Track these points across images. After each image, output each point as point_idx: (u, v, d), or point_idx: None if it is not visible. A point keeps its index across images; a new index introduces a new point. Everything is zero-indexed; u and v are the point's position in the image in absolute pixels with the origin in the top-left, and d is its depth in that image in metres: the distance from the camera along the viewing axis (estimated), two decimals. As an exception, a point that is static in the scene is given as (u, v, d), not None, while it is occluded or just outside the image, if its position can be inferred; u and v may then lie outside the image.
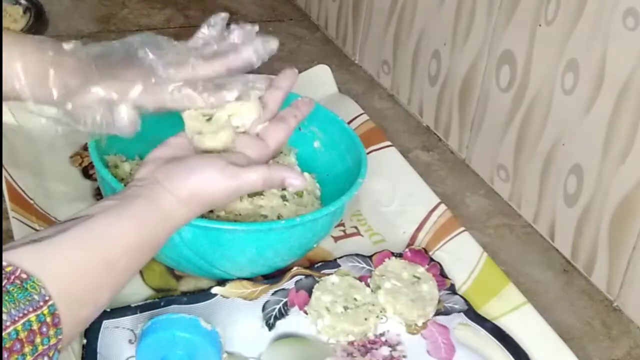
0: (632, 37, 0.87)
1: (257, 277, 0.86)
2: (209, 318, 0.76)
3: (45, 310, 0.53)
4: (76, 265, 0.58)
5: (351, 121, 1.14)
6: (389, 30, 1.31)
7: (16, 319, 0.51)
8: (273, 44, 0.78)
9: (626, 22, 0.88)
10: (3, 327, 0.51)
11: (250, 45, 0.78)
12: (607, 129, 0.92)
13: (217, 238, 0.80)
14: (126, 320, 0.78)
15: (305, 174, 0.96)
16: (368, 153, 0.95)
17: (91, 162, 0.91)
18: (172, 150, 0.72)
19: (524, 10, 1.02)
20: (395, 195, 1.04)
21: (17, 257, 0.55)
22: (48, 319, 0.53)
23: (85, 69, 0.72)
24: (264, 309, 0.83)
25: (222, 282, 0.84)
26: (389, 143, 1.13)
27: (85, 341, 0.76)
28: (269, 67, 1.37)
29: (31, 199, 0.93)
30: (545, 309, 0.90)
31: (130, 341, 0.77)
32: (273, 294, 0.84)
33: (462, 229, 0.98)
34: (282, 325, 0.82)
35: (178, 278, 0.87)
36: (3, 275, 0.53)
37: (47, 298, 0.54)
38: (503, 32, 1.06)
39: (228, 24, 0.81)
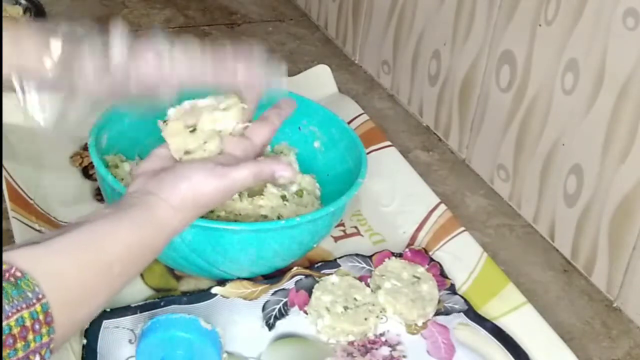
0: (632, 37, 0.87)
1: (257, 277, 0.86)
2: (209, 318, 0.76)
3: (38, 307, 0.54)
4: (71, 266, 0.58)
5: (351, 121, 1.14)
6: (389, 30, 1.31)
7: (9, 314, 0.52)
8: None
9: (626, 22, 0.88)
10: None
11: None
12: (607, 129, 0.92)
13: (217, 238, 0.80)
14: (126, 320, 0.78)
15: (306, 174, 0.96)
16: (368, 153, 0.95)
17: (91, 162, 0.91)
18: (159, 162, 0.73)
19: (524, 10, 1.02)
20: (395, 195, 1.04)
21: (14, 257, 0.55)
22: (41, 317, 0.54)
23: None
24: (264, 309, 0.83)
25: (222, 282, 0.84)
26: (389, 143, 1.13)
27: (85, 341, 0.76)
28: (269, 67, 1.37)
29: (31, 199, 0.93)
30: (545, 309, 0.90)
31: (130, 341, 0.77)
32: (273, 294, 0.84)
33: (462, 229, 0.98)
34: (282, 325, 0.82)
35: (178, 278, 0.87)
36: None
37: (40, 296, 0.54)
38: (503, 32, 1.06)
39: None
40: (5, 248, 0.56)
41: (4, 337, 0.51)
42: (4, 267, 0.54)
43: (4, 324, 0.51)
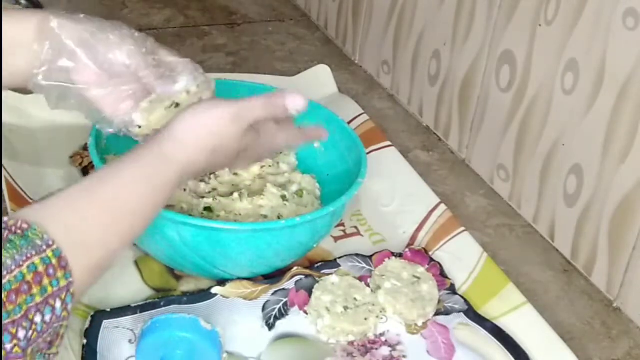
0: (632, 37, 0.87)
1: (257, 277, 0.86)
2: (209, 318, 0.76)
3: (49, 253, 0.54)
4: (79, 208, 0.59)
5: (351, 121, 1.14)
6: (389, 30, 1.31)
7: (20, 263, 0.52)
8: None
9: (626, 22, 0.88)
10: (8, 270, 0.51)
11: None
12: (607, 129, 0.92)
13: (217, 238, 0.80)
14: (126, 320, 0.78)
15: (306, 174, 0.96)
16: (368, 153, 0.95)
17: (91, 162, 0.91)
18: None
19: (524, 10, 1.02)
20: (395, 195, 1.04)
21: (19, 213, 0.56)
22: (54, 261, 0.54)
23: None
24: (264, 309, 0.83)
25: (222, 282, 0.84)
26: (388, 143, 1.13)
27: (85, 341, 0.76)
28: (270, 67, 1.38)
29: (31, 199, 0.93)
30: (545, 309, 0.90)
31: (130, 341, 0.77)
32: (273, 294, 0.84)
33: (462, 229, 0.98)
34: (282, 325, 0.82)
35: (178, 278, 0.87)
36: (5, 227, 0.54)
37: (50, 242, 0.54)
38: (503, 32, 1.06)
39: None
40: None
41: (17, 284, 0.51)
42: (10, 222, 0.54)
43: (16, 272, 0.52)
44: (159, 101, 0.76)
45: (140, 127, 0.76)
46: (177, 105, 0.76)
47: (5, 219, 0.54)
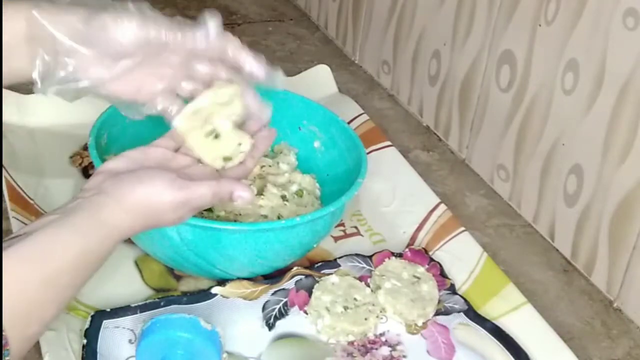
0: (632, 37, 0.87)
1: (257, 277, 0.86)
2: (209, 318, 0.76)
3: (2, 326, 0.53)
4: (18, 282, 0.57)
5: (351, 121, 1.14)
6: (389, 30, 1.31)
7: None
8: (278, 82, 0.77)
9: (626, 22, 0.88)
10: None
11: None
12: (607, 129, 0.92)
13: (217, 238, 0.80)
14: (126, 320, 0.78)
15: (306, 174, 0.96)
16: (368, 153, 0.95)
17: (91, 162, 0.91)
18: (125, 163, 0.71)
19: (524, 10, 1.02)
20: (395, 195, 1.04)
21: None
22: None
23: None
24: (264, 309, 0.83)
25: (222, 282, 0.84)
26: (389, 143, 1.13)
27: (85, 341, 0.76)
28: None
29: (31, 199, 0.93)
30: (545, 309, 0.90)
31: (130, 341, 0.77)
32: (273, 294, 0.84)
33: (462, 229, 0.98)
34: (282, 325, 0.82)
35: (178, 278, 0.87)
36: None
37: None
38: (503, 32, 1.06)
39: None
40: None
41: None
42: None
43: None
44: (199, 116, 0.74)
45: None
46: (217, 136, 0.74)
47: None
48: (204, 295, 0.82)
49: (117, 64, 0.70)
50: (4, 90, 1.05)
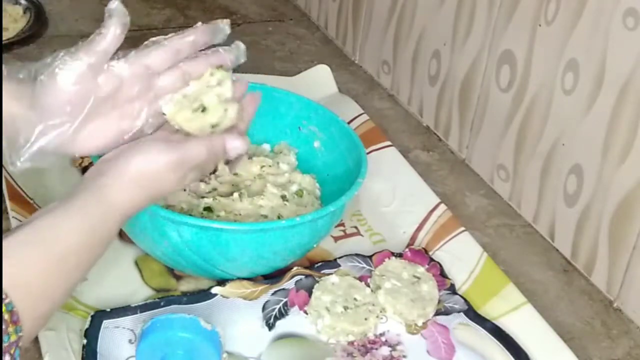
0: (632, 37, 0.87)
1: (257, 277, 0.86)
2: (209, 318, 0.76)
3: (2, 307, 0.54)
4: (27, 263, 0.58)
5: (351, 121, 1.14)
6: (389, 30, 1.31)
7: None
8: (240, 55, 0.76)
9: (626, 22, 0.88)
10: None
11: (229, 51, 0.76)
12: (607, 129, 0.92)
13: (217, 238, 0.80)
14: (126, 320, 0.78)
15: (306, 174, 0.96)
16: (368, 153, 0.95)
17: (91, 162, 0.91)
18: (119, 151, 0.70)
19: (524, 10, 1.02)
20: (395, 195, 1.04)
21: None
22: (6, 317, 0.54)
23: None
24: (264, 309, 0.83)
25: (222, 282, 0.84)
26: (389, 143, 1.13)
27: (85, 341, 0.76)
28: (270, 67, 1.38)
29: (31, 198, 0.93)
30: (545, 309, 0.90)
31: (130, 341, 0.77)
32: (273, 294, 0.84)
33: (462, 229, 0.98)
34: (282, 325, 0.82)
35: (178, 278, 0.87)
36: None
37: (4, 296, 0.54)
38: (503, 32, 1.06)
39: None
40: None
41: None
42: None
43: None
44: (189, 99, 0.73)
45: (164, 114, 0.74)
46: (204, 109, 0.73)
47: None
48: (204, 295, 0.82)
49: (74, 116, 0.68)
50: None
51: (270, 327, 0.81)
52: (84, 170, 1.01)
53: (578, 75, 0.95)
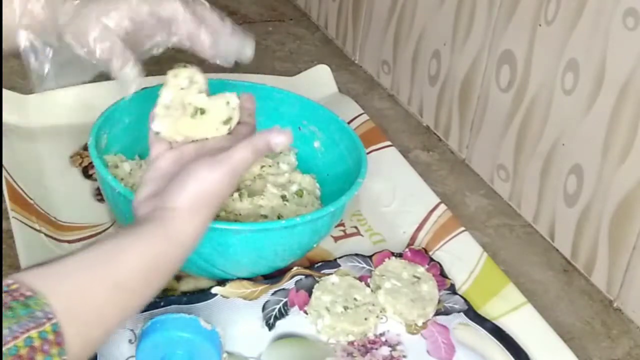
0: (632, 37, 0.87)
1: (257, 277, 0.86)
2: (209, 318, 0.76)
3: (47, 327, 0.52)
4: (81, 285, 0.57)
5: (351, 121, 1.14)
6: (389, 30, 1.31)
7: (17, 334, 0.50)
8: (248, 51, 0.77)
9: (626, 22, 0.88)
10: (3, 342, 0.50)
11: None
12: (607, 129, 0.92)
13: (217, 238, 0.80)
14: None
15: (306, 174, 0.96)
16: (368, 153, 0.95)
17: (91, 162, 0.91)
18: (152, 185, 0.70)
19: (524, 10, 1.02)
20: (395, 195, 1.04)
21: (23, 277, 0.54)
22: (51, 337, 0.52)
23: None
24: (264, 309, 0.83)
25: (222, 282, 0.84)
26: (389, 143, 1.13)
27: (85, 341, 0.75)
28: (270, 67, 1.38)
29: (31, 199, 0.93)
30: (545, 309, 0.90)
31: (130, 341, 0.77)
32: (273, 294, 0.84)
33: (462, 229, 0.98)
34: (282, 325, 0.82)
35: (178, 278, 0.87)
36: (7, 293, 0.52)
37: (50, 316, 0.53)
38: (503, 32, 1.06)
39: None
40: (20, 271, 0.55)
41: (10, 358, 0.50)
42: (13, 286, 0.52)
43: (11, 344, 0.50)
44: (174, 108, 0.73)
45: (158, 133, 0.73)
46: (203, 111, 0.73)
47: (9, 281, 0.53)
48: (204, 295, 0.82)
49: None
50: (4, 90, 1.05)
51: (270, 327, 0.81)
52: (84, 170, 1.01)
53: (578, 75, 0.95)
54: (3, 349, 0.50)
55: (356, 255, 0.91)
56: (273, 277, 0.86)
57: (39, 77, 0.74)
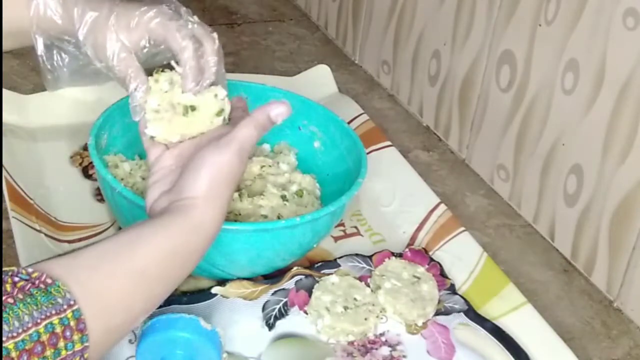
0: (632, 37, 0.87)
1: (257, 277, 0.86)
2: (209, 318, 0.76)
3: (69, 314, 0.52)
4: (103, 272, 0.57)
5: (351, 121, 1.14)
6: (389, 30, 1.31)
7: (38, 321, 0.51)
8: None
9: (626, 22, 0.88)
10: (24, 328, 0.50)
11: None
12: (607, 129, 0.92)
13: (217, 238, 0.80)
14: (126, 320, 0.78)
15: (306, 174, 0.96)
16: (368, 153, 0.95)
17: (91, 162, 0.91)
18: (160, 186, 0.71)
19: (524, 10, 1.02)
20: (395, 195, 1.04)
21: (45, 266, 0.54)
22: (72, 323, 0.52)
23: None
24: (264, 309, 0.83)
25: (222, 282, 0.84)
26: (389, 143, 1.13)
27: (85, 341, 0.75)
28: (270, 67, 1.38)
29: (31, 199, 0.93)
30: (545, 309, 0.90)
31: (130, 341, 0.77)
32: (273, 294, 0.84)
33: (462, 229, 0.98)
34: (282, 325, 0.82)
35: (178, 278, 0.87)
36: (27, 281, 0.52)
37: (71, 302, 0.53)
38: (503, 32, 1.06)
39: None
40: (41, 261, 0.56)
41: (31, 344, 0.50)
42: (34, 275, 0.53)
43: (32, 330, 0.50)
44: (164, 110, 0.74)
45: (153, 137, 0.74)
46: (193, 108, 0.74)
47: (30, 269, 0.53)
48: (204, 295, 0.82)
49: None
50: (4, 90, 1.05)
51: (270, 327, 0.81)
52: (84, 170, 1.01)
53: (578, 75, 0.95)
54: (23, 335, 0.50)
55: (356, 255, 0.91)
56: (273, 277, 0.86)
57: (53, 78, 0.76)
